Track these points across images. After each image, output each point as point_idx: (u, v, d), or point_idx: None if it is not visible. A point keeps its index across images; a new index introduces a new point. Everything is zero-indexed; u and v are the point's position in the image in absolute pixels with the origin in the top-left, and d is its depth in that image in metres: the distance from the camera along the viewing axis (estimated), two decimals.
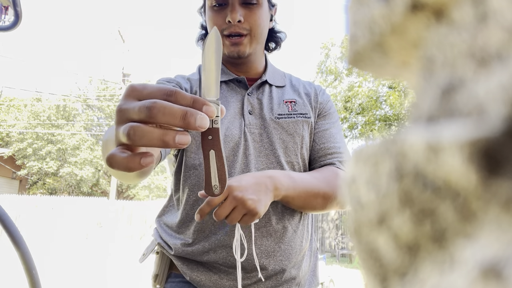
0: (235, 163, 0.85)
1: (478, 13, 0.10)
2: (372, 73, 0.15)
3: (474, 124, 0.08)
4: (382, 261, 0.10)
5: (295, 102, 0.95)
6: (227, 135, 0.87)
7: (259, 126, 0.91)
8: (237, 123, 0.89)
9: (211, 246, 0.82)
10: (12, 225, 0.68)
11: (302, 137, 0.92)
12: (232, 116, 0.90)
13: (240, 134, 0.88)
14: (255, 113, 0.92)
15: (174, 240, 0.87)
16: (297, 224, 0.89)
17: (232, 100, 0.92)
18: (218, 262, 0.82)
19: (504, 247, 0.07)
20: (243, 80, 0.94)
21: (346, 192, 0.12)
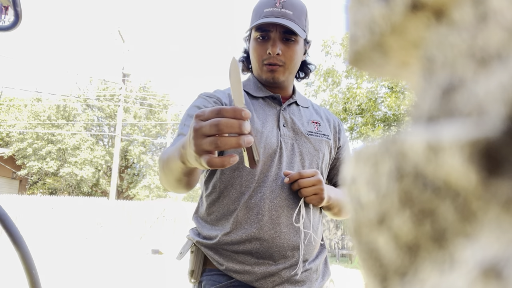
0: (271, 168, 1.01)
1: (478, 13, 0.10)
2: (372, 73, 0.15)
3: (474, 124, 0.08)
4: (382, 261, 0.10)
5: (319, 123, 1.15)
6: (267, 143, 1.03)
7: (291, 137, 1.08)
8: (275, 134, 1.06)
9: (247, 237, 0.96)
10: (12, 225, 0.68)
11: (324, 155, 1.10)
12: (270, 127, 1.06)
13: (277, 143, 1.04)
14: (288, 126, 1.09)
15: (214, 231, 1.01)
16: (319, 219, 1.08)
17: (269, 114, 1.10)
18: (251, 252, 0.96)
19: (504, 247, 0.07)
20: (278, 97, 1.12)
21: (346, 192, 0.12)
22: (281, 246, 0.96)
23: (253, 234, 0.96)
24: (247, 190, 1.00)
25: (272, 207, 0.98)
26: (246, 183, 1.01)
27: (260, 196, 0.99)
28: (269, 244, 0.96)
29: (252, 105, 1.09)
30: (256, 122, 1.05)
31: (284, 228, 0.98)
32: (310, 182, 0.97)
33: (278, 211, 0.98)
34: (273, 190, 1.00)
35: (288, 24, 1.03)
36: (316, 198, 0.98)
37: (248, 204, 0.99)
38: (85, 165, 17.57)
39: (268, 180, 1.00)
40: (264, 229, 0.96)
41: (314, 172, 0.98)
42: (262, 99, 1.12)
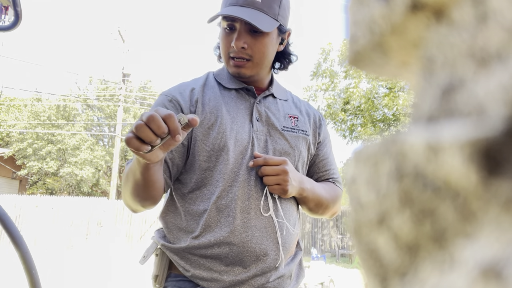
0: (242, 166, 0.94)
1: (478, 13, 0.10)
2: (372, 73, 0.15)
3: (474, 124, 0.08)
4: (382, 261, 0.10)
5: (297, 118, 1.06)
6: (238, 139, 0.95)
7: (265, 133, 1.00)
8: (247, 129, 0.98)
9: (216, 241, 0.89)
10: (12, 225, 0.68)
11: (300, 152, 1.02)
12: (241, 121, 0.98)
13: (249, 139, 0.97)
14: (262, 121, 1.00)
15: (182, 234, 0.94)
16: (295, 213, 1.00)
17: (242, 107, 1.01)
18: (220, 257, 0.89)
19: (504, 247, 0.07)
20: (252, 89, 1.03)
21: (346, 192, 0.12)
22: (252, 251, 0.89)
23: (222, 238, 0.89)
24: (217, 190, 0.92)
25: (244, 209, 0.91)
26: (216, 183, 0.93)
27: (231, 196, 0.91)
28: (239, 249, 0.89)
29: (223, 97, 1.01)
30: (226, 116, 0.97)
31: (257, 232, 0.90)
32: (273, 170, 0.91)
33: (250, 214, 0.91)
34: (245, 190, 0.92)
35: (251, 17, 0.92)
36: (279, 189, 0.92)
37: (218, 205, 0.91)
38: (85, 165, 17.55)
39: (239, 180, 0.93)
40: (235, 233, 0.89)
41: (282, 161, 0.92)
42: (235, 91, 1.03)
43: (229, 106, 0.99)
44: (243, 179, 0.93)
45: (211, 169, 0.94)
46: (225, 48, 0.99)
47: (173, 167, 0.95)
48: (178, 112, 0.96)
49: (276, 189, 0.92)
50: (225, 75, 1.06)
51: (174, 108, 0.97)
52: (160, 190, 0.90)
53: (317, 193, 0.99)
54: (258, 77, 1.03)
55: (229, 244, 0.89)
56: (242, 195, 0.91)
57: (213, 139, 0.94)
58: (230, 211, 0.90)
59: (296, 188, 0.94)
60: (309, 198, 0.98)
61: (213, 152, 0.94)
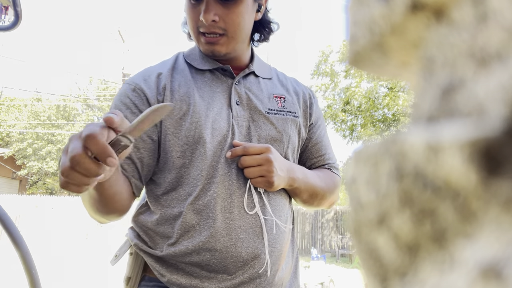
0: (220, 159, 0.81)
1: (478, 13, 0.10)
2: (372, 73, 0.15)
3: (474, 124, 0.08)
4: (382, 261, 0.10)
5: (284, 98, 0.92)
6: (215, 128, 0.81)
7: (247, 118, 0.86)
8: (225, 115, 0.84)
9: (195, 248, 0.77)
10: (12, 225, 0.68)
11: (289, 137, 0.89)
12: (218, 107, 0.84)
13: (228, 127, 0.83)
14: (243, 104, 0.86)
15: (158, 239, 0.82)
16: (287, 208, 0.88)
17: (218, 90, 0.87)
18: (200, 265, 0.77)
19: (504, 247, 0.07)
20: (228, 69, 0.88)
21: (346, 192, 0.12)
22: (238, 256, 0.76)
23: (201, 244, 0.76)
24: (195, 190, 0.79)
25: (226, 208, 0.78)
26: (193, 181, 0.80)
27: (209, 195, 0.78)
28: (222, 255, 0.76)
29: (195, 81, 0.87)
30: (199, 103, 0.83)
31: (242, 233, 0.77)
32: (255, 160, 0.78)
33: (233, 213, 0.78)
34: (225, 186, 0.79)
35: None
36: (263, 181, 0.79)
37: (196, 206, 0.78)
38: None
39: (218, 175, 0.79)
40: (216, 237, 0.76)
41: (264, 149, 0.79)
42: (209, 73, 0.89)
43: (202, 91, 0.85)
44: (222, 173, 0.80)
45: (187, 166, 0.81)
46: (192, 23, 0.83)
47: (143, 167, 0.82)
48: (144, 103, 0.83)
49: (260, 182, 0.79)
50: (197, 55, 0.91)
51: (139, 98, 0.83)
52: (124, 201, 0.78)
53: (310, 182, 0.87)
54: (236, 54, 0.89)
55: (210, 250, 0.77)
56: (223, 193, 0.79)
57: (186, 131, 0.81)
58: (209, 212, 0.78)
59: (284, 179, 0.81)
60: (301, 189, 0.86)
61: (188, 146, 0.81)
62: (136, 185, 0.82)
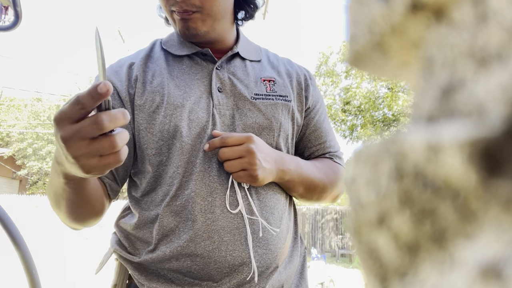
0: (199, 153, 0.72)
1: (478, 13, 0.10)
2: (372, 73, 0.15)
3: (474, 124, 0.08)
4: (382, 261, 0.10)
5: (274, 81, 0.82)
6: (192, 119, 0.73)
7: (231, 106, 0.76)
8: (204, 103, 0.75)
9: (173, 253, 0.69)
10: (12, 225, 0.68)
11: (280, 124, 0.78)
12: (197, 95, 0.75)
13: (208, 117, 0.74)
14: (226, 91, 0.77)
15: (138, 244, 0.75)
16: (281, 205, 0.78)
17: (197, 77, 0.77)
18: (181, 272, 0.70)
19: (504, 247, 0.07)
20: (208, 52, 0.79)
21: (346, 192, 0.12)
22: (222, 262, 0.68)
23: (180, 249, 0.69)
24: (171, 189, 0.71)
25: (206, 207, 0.69)
26: (170, 180, 0.72)
27: (187, 194, 0.70)
28: (204, 260, 0.68)
29: (171, 69, 0.78)
30: (174, 92, 0.74)
31: (226, 235, 0.69)
32: (234, 152, 0.69)
33: (215, 213, 0.69)
34: (205, 183, 0.70)
35: None
36: (245, 175, 0.69)
37: (173, 207, 0.71)
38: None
39: (196, 171, 0.71)
40: (196, 240, 0.68)
41: (244, 138, 0.70)
42: (188, 58, 0.80)
43: (179, 80, 0.76)
44: (201, 169, 0.71)
45: (164, 164, 0.73)
46: (164, 2, 0.74)
47: (118, 167, 0.75)
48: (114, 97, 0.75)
49: (242, 176, 0.70)
50: (175, 41, 0.82)
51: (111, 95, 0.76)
52: (100, 204, 0.72)
53: (305, 174, 0.77)
54: (216, 34, 0.79)
55: (191, 256, 0.69)
56: (202, 191, 0.70)
57: (160, 125, 0.73)
58: (187, 213, 0.70)
59: (271, 172, 0.72)
60: (295, 182, 0.76)
61: (163, 141, 0.73)
62: (111, 186, 0.75)
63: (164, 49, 0.82)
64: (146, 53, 0.81)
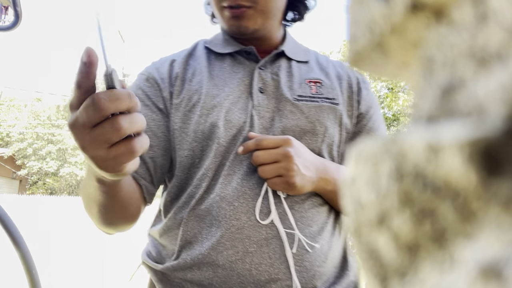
0: (231, 154, 0.67)
1: (478, 13, 0.10)
2: (372, 73, 0.15)
3: (474, 124, 0.08)
4: (382, 261, 0.10)
5: (320, 83, 0.75)
6: (228, 120, 0.68)
7: (271, 108, 0.71)
8: (242, 104, 0.70)
9: (194, 262, 0.64)
10: (12, 225, 0.68)
11: (325, 129, 0.70)
12: (236, 95, 0.71)
13: (246, 118, 0.69)
14: (268, 92, 0.72)
15: (164, 252, 0.72)
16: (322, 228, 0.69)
17: (238, 76, 0.73)
18: (202, 284, 0.63)
19: (504, 247, 0.07)
20: (252, 51, 0.75)
21: (346, 192, 0.12)
22: (246, 276, 0.61)
23: (201, 257, 0.63)
24: (197, 192, 0.67)
25: (231, 213, 0.64)
26: (197, 182, 0.68)
27: (212, 198, 0.65)
28: (226, 272, 0.62)
29: (212, 67, 0.75)
30: (212, 91, 0.70)
31: (252, 245, 0.62)
32: (270, 156, 0.63)
33: (241, 220, 0.63)
34: (233, 187, 0.65)
35: None
36: (281, 182, 0.63)
37: (197, 211, 0.66)
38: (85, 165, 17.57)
39: (224, 173, 0.67)
40: (219, 249, 0.62)
41: (281, 141, 0.64)
42: (230, 57, 0.77)
43: (218, 79, 0.73)
44: (229, 172, 0.66)
45: (196, 166, 0.69)
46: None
47: (156, 169, 0.71)
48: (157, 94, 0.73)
49: (277, 183, 0.63)
50: (219, 39, 0.80)
51: (153, 89, 0.73)
52: (136, 208, 0.68)
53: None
54: (265, 32, 0.76)
55: (212, 266, 0.63)
56: (229, 194, 0.65)
57: (194, 125, 0.69)
58: (212, 219, 0.65)
59: (310, 180, 0.64)
60: (338, 194, 0.67)
61: (196, 142, 0.69)
62: (147, 189, 0.70)
63: (207, 48, 0.80)
64: (189, 51, 0.79)
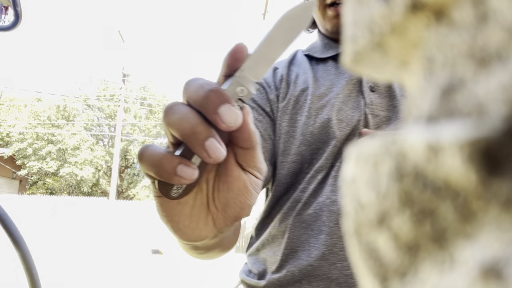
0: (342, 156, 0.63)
1: (478, 13, 0.10)
2: (372, 73, 0.15)
3: (474, 124, 0.08)
4: (382, 261, 0.10)
5: None
6: (341, 119, 0.63)
7: (385, 107, 0.65)
8: (354, 102, 0.66)
9: (303, 274, 0.57)
10: (12, 225, 0.68)
11: None
12: (345, 94, 0.66)
13: (360, 116, 0.64)
14: (380, 91, 0.67)
15: (263, 265, 0.65)
16: None
17: (345, 76, 0.69)
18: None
19: (504, 247, 0.07)
20: None
21: (346, 192, 0.12)
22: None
23: (310, 269, 0.57)
24: (304, 195, 0.62)
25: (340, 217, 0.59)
26: (304, 185, 0.63)
27: (321, 201, 0.60)
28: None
29: (316, 71, 0.72)
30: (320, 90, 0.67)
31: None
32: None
33: None
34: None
35: None
36: None
37: (303, 216, 0.61)
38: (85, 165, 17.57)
39: (333, 174, 0.62)
40: (330, 260, 0.56)
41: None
42: (332, 61, 0.73)
43: (324, 79, 0.69)
44: (339, 175, 0.61)
45: (304, 171, 0.64)
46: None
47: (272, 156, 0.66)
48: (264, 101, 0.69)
49: None
50: (318, 46, 0.77)
51: (258, 93, 0.70)
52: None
53: None
54: None
55: (324, 279, 0.56)
56: (339, 197, 0.59)
57: (302, 127, 0.65)
58: (320, 224, 0.59)
59: None
60: None
61: (305, 145, 0.64)
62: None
63: (306, 55, 0.77)
64: (289, 59, 0.77)
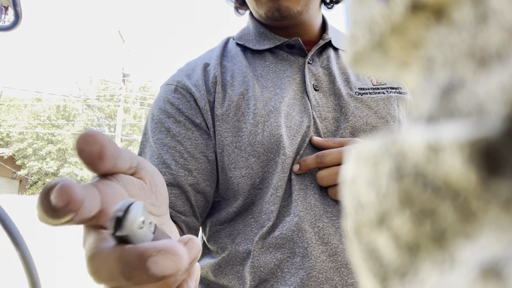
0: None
1: (478, 13, 0.10)
2: (372, 73, 0.15)
3: (474, 124, 0.08)
4: (382, 261, 0.10)
5: None
6: (290, 126, 0.57)
7: (332, 107, 0.60)
8: (300, 106, 0.60)
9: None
10: (12, 225, 0.68)
11: (399, 123, 0.61)
12: (291, 96, 0.60)
13: (309, 122, 0.58)
14: (323, 89, 0.62)
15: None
16: None
17: (286, 75, 0.62)
18: None
19: (504, 247, 0.07)
20: (297, 43, 0.63)
21: (346, 192, 0.12)
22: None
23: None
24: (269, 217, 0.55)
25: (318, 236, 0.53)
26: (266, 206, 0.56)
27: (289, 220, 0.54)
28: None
29: (254, 67, 0.64)
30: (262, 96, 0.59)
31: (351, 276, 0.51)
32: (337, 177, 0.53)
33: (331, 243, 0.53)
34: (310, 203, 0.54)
35: None
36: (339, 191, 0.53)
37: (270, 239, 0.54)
38: None
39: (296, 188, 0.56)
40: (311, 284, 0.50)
41: (344, 142, 0.55)
42: (270, 54, 0.65)
43: (264, 79, 0.62)
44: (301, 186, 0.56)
45: (257, 187, 0.57)
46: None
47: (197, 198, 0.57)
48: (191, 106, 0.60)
49: (335, 193, 0.54)
50: (251, 33, 0.68)
51: (184, 101, 0.60)
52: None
53: None
54: (308, 17, 0.65)
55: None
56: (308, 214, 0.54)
57: (249, 137, 0.58)
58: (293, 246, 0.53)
59: None
60: None
61: (255, 157, 0.57)
62: (188, 225, 0.56)
63: (239, 45, 0.68)
64: (220, 51, 0.67)
